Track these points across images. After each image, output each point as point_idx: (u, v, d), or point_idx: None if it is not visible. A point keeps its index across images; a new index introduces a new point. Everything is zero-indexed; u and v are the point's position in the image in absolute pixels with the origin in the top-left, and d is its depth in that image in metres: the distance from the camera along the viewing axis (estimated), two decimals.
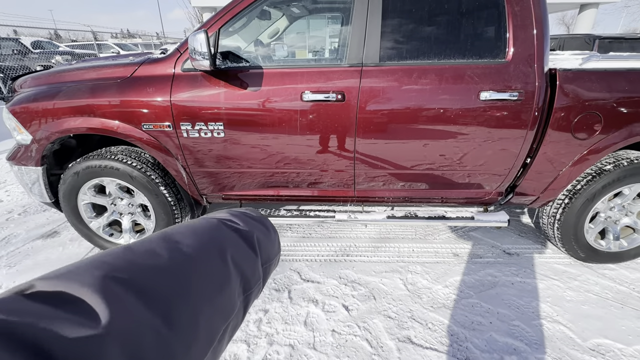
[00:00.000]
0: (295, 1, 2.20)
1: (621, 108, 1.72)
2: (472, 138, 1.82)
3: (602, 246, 2.14)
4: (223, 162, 1.96)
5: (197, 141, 1.88)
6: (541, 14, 1.70)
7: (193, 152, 1.92)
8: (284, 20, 2.79)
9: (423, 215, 2.10)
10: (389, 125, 1.80)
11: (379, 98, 1.75)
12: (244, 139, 1.86)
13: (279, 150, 1.90)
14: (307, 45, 2.62)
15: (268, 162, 1.96)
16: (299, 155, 1.92)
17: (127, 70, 1.85)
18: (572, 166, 1.89)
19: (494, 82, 1.72)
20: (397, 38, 1.75)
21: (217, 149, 1.90)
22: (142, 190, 2.02)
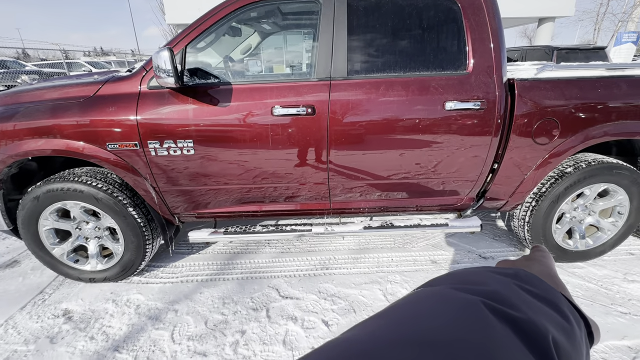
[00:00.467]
0: (263, 18, 2.23)
1: (575, 113, 1.82)
2: (440, 146, 1.87)
3: (570, 246, 2.23)
4: (194, 180, 1.92)
5: (166, 159, 1.83)
6: (497, 27, 1.80)
7: (162, 171, 1.87)
8: (256, 36, 2.81)
9: (399, 224, 2.12)
10: (359, 137, 1.83)
11: (348, 110, 1.78)
12: (215, 155, 1.83)
13: (252, 166, 1.88)
14: (278, 60, 2.65)
15: (241, 178, 1.93)
16: (272, 170, 1.91)
17: (90, 89, 1.79)
18: (536, 170, 1.97)
19: (457, 92, 1.78)
20: (364, 53, 1.80)
21: (187, 166, 1.86)
22: (109, 212, 1.93)
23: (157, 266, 2.34)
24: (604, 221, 2.19)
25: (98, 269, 2.11)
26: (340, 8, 1.76)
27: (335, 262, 2.35)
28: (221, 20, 1.76)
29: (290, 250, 2.51)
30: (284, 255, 2.45)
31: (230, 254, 2.48)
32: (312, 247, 2.53)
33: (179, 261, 2.40)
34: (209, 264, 2.36)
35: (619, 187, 2.05)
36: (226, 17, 1.77)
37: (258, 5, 1.79)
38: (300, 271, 2.26)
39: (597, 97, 1.82)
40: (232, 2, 1.75)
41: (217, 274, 2.25)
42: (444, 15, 1.80)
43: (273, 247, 2.56)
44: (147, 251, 2.09)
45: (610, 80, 1.84)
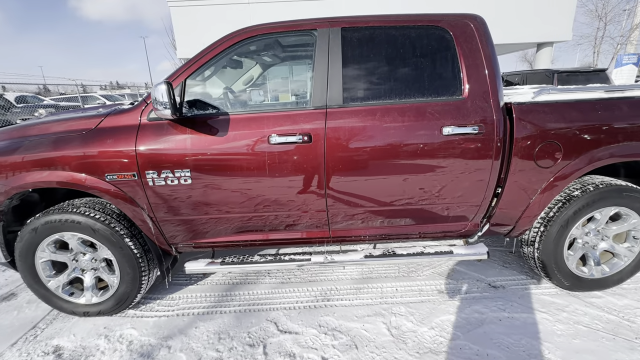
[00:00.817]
0: (261, 51, 2.31)
1: (577, 136, 1.79)
2: (440, 171, 1.83)
3: (584, 273, 2.11)
4: (191, 210, 1.90)
5: (163, 189, 1.83)
6: (490, 53, 1.82)
7: (160, 201, 1.86)
8: (257, 67, 2.91)
9: (402, 252, 2.04)
10: (357, 163, 1.81)
11: (345, 137, 1.78)
12: (213, 185, 1.83)
13: (249, 195, 1.86)
14: (275, 90, 2.72)
15: (238, 207, 1.91)
16: (270, 199, 1.88)
17: (93, 122, 1.84)
18: (542, 193, 1.91)
19: (454, 117, 1.78)
20: (359, 81, 1.83)
21: (184, 196, 1.85)
22: (105, 243, 1.91)
23: (153, 298, 2.27)
24: (619, 246, 2.08)
25: (93, 302, 2.06)
26: (335, 40, 1.81)
27: (336, 292, 2.25)
28: (220, 54, 1.83)
29: (291, 280, 2.43)
30: (284, 285, 2.37)
31: (228, 285, 2.40)
32: (313, 277, 2.45)
33: (176, 292, 2.33)
34: (206, 295, 2.29)
35: (631, 211, 1.96)
36: (225, 52, 1.83)
37: (254, 40, 1.86)
38: (300, 303, 2.16)
39: (598, 119, 1.79)
40: (229, 37, 1.82)
41: (214, 306, 2.17)
42: (437, 43, 1.84)
43: (273, 276, 2.48)
44: (143, 283, 2.03)
45: (610, 102, 1.82)
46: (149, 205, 1.87)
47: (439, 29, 1.83)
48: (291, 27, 1.85)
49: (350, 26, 1.82)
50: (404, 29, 1.83)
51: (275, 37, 1.91)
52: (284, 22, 1.86)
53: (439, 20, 1.83)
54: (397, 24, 1.83)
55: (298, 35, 1.91)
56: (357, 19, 1.84)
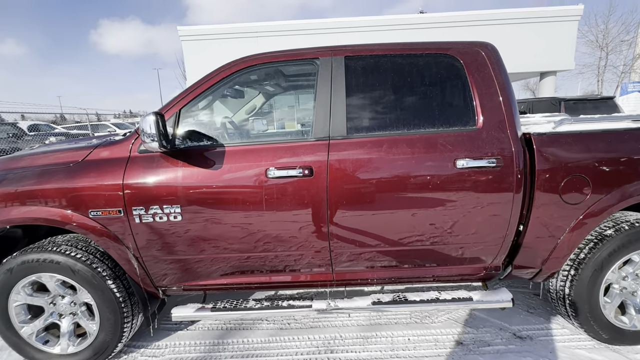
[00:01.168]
0: (261, 81, 2.24)
1: (606, 170, 1.62)
2: (455, 208, 1.66)
3: (625, 324, 1.84)
4: (181, 249, 1.73)
5: (151, 226, 1.67)
6: (504, 81, 1.71)
7: (146, 239, 1.70)
8: (260, 97, 2.85)
9: (414, 299, 1.82)
10: (362, 199, 1.65)
11: (349, 170, 1.63)
12: (205, 222, 1.67)
13: (245, 233, 1.70)
14: (274, 120, 2.64)
15: (233, 246, 1.74)
16: (267, 237, 1.71)
17: (80, 153, 1.73)
18: (571, 232, 1.71)
19: (468, 149, 1.63)
20: (364, 111, 1.71)
21: (174, 234, 1.69)
22: (85, 286, 1.74)
23: (137, 346, 2.04)
24: None
25: (68, 352, 1.84)
26: (338, 69, 1.72)
27: (341, 342, 2.00)
28: (217, 84, 1.74)
29: (290, 326, 2.19)
30: (283, 332, 2.12)
31: (221, 331, 2.17)
32: (315, 322, 2.20)
33: (162, 339, 2.10)
34: (196, 343, 2.05)
35: None
36: (223, 81, 1.75)
37: (254, 69, 1.78)
38: (300, 354, 1.91)
39: (628, 150, 1.63)
40: (228, 67, 1.75)
41: (204, 357, 1.93)
42: (447, 71, 1.74)
43: (271, 321, 2.24)
44: (125, 330, 1.83)
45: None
46: (135, 244, 1.71)
47: (448, 57, 1.73)
48: (292, 56, 1.77)
49: (354, 55, 1.74)
50: (411, 57, 1.74)
51: (275, 66, 1.84)
52: (285, 51, 1.78)
53: (447, 48, 1.74)
54: (404, 52, 1.74)
55: (299, 65, 1.83)
56: (362, 47, 1.76)
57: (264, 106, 2.58)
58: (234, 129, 1.96)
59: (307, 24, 12.80)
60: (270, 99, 2.83)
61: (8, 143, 9.77)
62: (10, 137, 10.01)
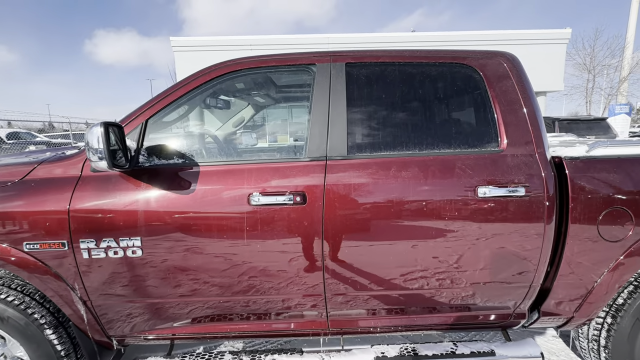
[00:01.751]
0: (248, 91, 1.97)
1: None
2: (476, 243, 1.39)
3: None
4: (141, 291, 1.40)
5: (102, 263, 1.34)
6: (530, 97, 1.47)
7: (97, 279, 1.37)
8: (249, 109, 2.58)
9: (426, 352, 1.50)
10: (366, 232, 1.36)
11: (350, 198, 1.35)
12: (171, 257, 1.35)
13: (221, 271, 1.38)
14: (260, 136, 2.37)
15: (204, 287, 1.41)
16: (249, 277, 1.40)
17: (19, 171, 1.40)
18: (610, 273, 1.44)
19: (491, 174, 1.37)
20: (368, 127, 1.45)
21: (131, 272, 1.36)
22: (16, 337, 1.38)
23: None
24: None
25: None
26: (338, 77, 1.46)
27: None
28: (193, 91, 1.46)
29: None
30: None
31: None
32: None
33: None
34: None
35: None
36: (199, 88, 1.47)
37: (239, 75, 1.51)
38: None
39: None
40: (206, 72, 1.47)
41: None
42: (464, 84, 1.50)
43: None
44: None
45: None
46: (82, 285, 1.37)
47: (465, 67, 1.49)
48: (284, 61, 1.51)
49: (357, 61, 1.49)
50: (423, 66, 1.49)
51: (264, 72, 1.57)
52: (276, 56, 1.52)
53: (464, 57, 1.50)
54: (415, 61, 1.50)
55: (293, 71, 1.57)
56: (366, 53, 1.51)
57: (251, 120, 2.30)
58: (212, 145, 1.67)
59: (302, 38, 12.83)
60: (260, 112, 2.56)
61: None
62: None
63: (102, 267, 1.35)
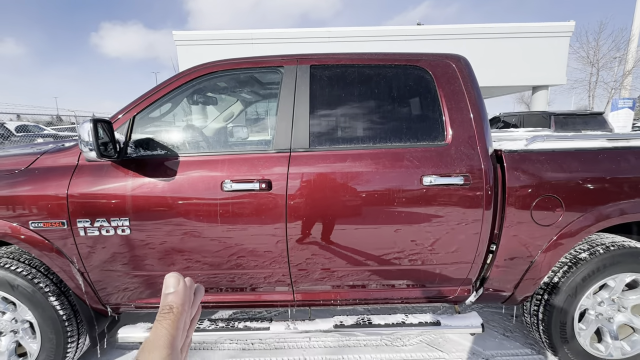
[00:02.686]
0: (229, 89, 2.16)
1: (579, 190, 1.54)
2: (422, 226, 1.57)
3: (601, 352, 1.75)
4: (130, 264, 1.62)
5: (97, 240, 1.56)
6: (475, 96, 1.64)
7: (92, 254, 1.59)
8: (238, 104, 2.77)
9: (379, 322, 1.71)
10: (324, 216, 1.56)
11: (310, 185, 1.54)
12: (155, 236, 1.57)
13: (199, 249, 1.59)
14: (236, 130, 2.56)
15: (185, 262, 1.63)
16: (223, 253, 1.61)
17: (25, 160, 1.62)
18: (544, 254, 1.62)
19: (436, 165, 1.55)
20: (328, 122, 1.63)
21: (122, 248, 1.58)
22: (25, 302, 1.61)
23: None
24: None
25: None
26: (303, 78, 1.64)
27: None
28: (176, 90, 1.65)
29: (254, 347, 2.06)
30: (245, 354, 2.00)
31: None
32: (280, 344, 2.08)
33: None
34: None
35: None
36: (181, 87, 1.66)
37: (216, 76, 1.69)
38: None
39: (603, 170, 1.55)
40: (187, 73, 1.66)
41: None
42: (416, 84, 1.67)
43: (234, 341, 2.12)
44: (69, 351, 1.70)
45: (615, 152, 1.59)
46: (80, 258, 1.59)
47: (418, 68, 1.66)
48: (256, 64, 1.70)
49: (321, 64, 1.66)
50: (380, 68, 1.66)
51: (239, 73, 1.75)
52: (249, 58, 1.70)
53: (417, 59, 1.67)
54: (372, 63, 1.67)
55: (263, 72, 1.75)
56: (329, 56, 1.69)
57: (226, 115, 2.49)
58: (191, 139, 1.87)
59: (304, 32, 12.87)
60: (248, 107, 2.75)
61: None
62: None
63: (96, 244, 1.57)
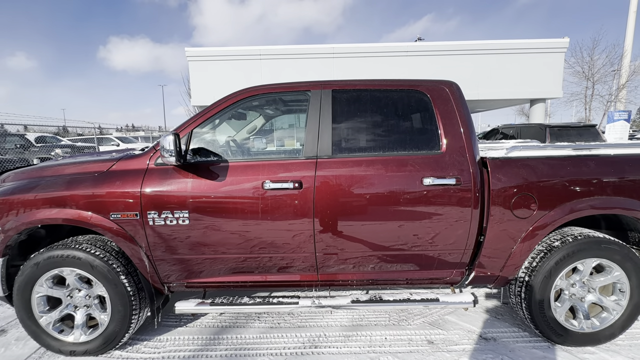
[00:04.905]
0: (262, 106, 2.58)
1: (548, 189, 1.92)
2: (422, 219, 1.95)
3: (575, 326, 2.09)
4: (187, 249, 2.00)
5: (162, 229, 1.95)
6: (464, 114, 2.04)
7: (158, 240, 1.97)
8: (260, 119, 3.19)
9: (388, 298, 2.07)
10: (344, 210, 1.94)
11: (333, 185, 1.93)
12: (209, 226, 1.95)
13: (243, 237, 1.97)
14: (271, 141, 2.97)
15: (232, 248, 2.00)
16: (262, 241, 1.99)
17: (105, 165, 2.03)
18: (522, 242, 1.99)
19: (433, 169, 1.94)
20: (347, 135, 2.04)
21: (181, 236, 1.96)
22: (101, 280, 1.99)
23: (140, 339, 2.26)
24: (607, 299, 2.09)
25: (81, 341, 2.07)
26: (326, 100, 2.05)
27: (325, 339, 2.23)
28: (224, 109, 2.07)
29: (280, 325, 2.41)
30: (273, 330, 2.35)
31: (217, 328, 2.39)
32: (303, 322, 2.43)
33: (164, 334, 2.32)
34: (194, 338, 2.27)
35: (612, 263, 2.01)
36: (229, 107, 2.08)
37: (255, 98, 2.11)
38: (288, 349, 2.14)
39: (568, 174, 1.93)
40: (234, 96, 2.08)
41: (201, 349, 2.15)
42: (417, 104, 2.08)
43: (262, 321, 2.47)
44: (133, 322, 2.06)
45: (578, 159, 1.98)
46: (147, 244, 1.98)
47: (418, 92, 2.07)
48: (289, 89, 2.12)
49: (340, 88, 2.08)
50: (387, 92, 2.08)
51: (274, 96, 2.18)
52: (283, 84, 2.13)
53: (418, 85, 2.09)
54: (382, 88, 2.09)
55: (294, 95, 2.17)
56: (347, 82, 2.11)
57: (263, 127, 2.91)
58: (236, 147, 2.27)
59: (309, 48, 13.49)
60: (269, 121, 3.17)
61: (15, 154, 10.09)
62: (18, 148, 10.35)
63: (161, 232, 1.96)
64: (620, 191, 1.93)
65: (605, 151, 2.04)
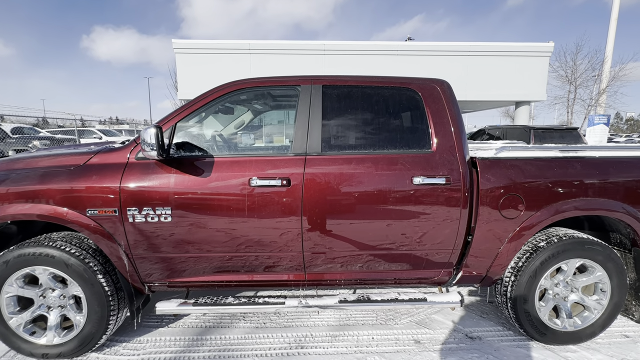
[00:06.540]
0: (250, 100, 2.51)
1: (537, 190, 1.93)
2: (411, 218, 1.93)
3: (558, 325, 2.12)
4: (169, 247, 1.92)
5: (143, 226, 1.86)
6: (455, 113, 2.03)
7: (138, 238, 1.88)
8: (248, 114, 3.11)
9: (376, 298, 2.05)
10: (332, 209, 1.90)
11: (321, 183, 1.89)
12: (192, 223, 1.88)
13: (228, 235, 1.91)
14: (258, 136, 2.90)
15: (216, 247, 1.94)
16: (248, 239, 1.93)
17: (82, 158, 1.92)
18: (509, 242, 2.00)
19: (423, 168, 1.92)
20: (337, 132, 1.99)
21: (163, 233, 1.88)
22: (77, 279, 1.89)
23: (119, 341, 2.17)
24: (589, 299, 2.13)
25: (54, 343, 1.96)
26: (316, 95, 2.00)
27: (311, 339, 2.20)
28: (210, 102, 1.99)
29: (266, 325, 2.36)
30: (258, 330, 2.30)
31: (201, 328, 2.32)
32: (289, 322, 2.39)
33: (144, 335, 2.24)
34: (176, 339, 2.20)
35: (595, 263, 2.05)
36: (215, 100, 2.00)
37: (244, 91, 2.04)
38: (274, 350, 2.09)
39: (555, 175, 1.95)
40: (220, 89, 2.00)
41: (183, 351, 2.08)
42: (408, 102, 2.05)
43: (248, 321, 2.41)
44: (111, 323, 1.97)
45: (565, 161, 2.00)
46: (127, 242, 1.89)
47: (410, 90, 2.05)
48: (277, 82, 2.06)
49: (331, 84, 2.03)
50: (378, 89, 2.04)
51: (262, 90, 2.11)
52: (272, 78, 2.06)
53: (409, 82, 2.06)
54: (373, 84, 2.05)
55: (284, 89, 2.11)
56: (337, 78, 2.06)
57: (251, 122, 2.83)
58: (222, 142, 2.20)
59: (300, 44, 13.36)
60: (257, 116, 3.09)
61: None
62: None
63: (142, 229, 1.87)
64: (603, 193, 1.96)
65: (591, 153, 2.07)
